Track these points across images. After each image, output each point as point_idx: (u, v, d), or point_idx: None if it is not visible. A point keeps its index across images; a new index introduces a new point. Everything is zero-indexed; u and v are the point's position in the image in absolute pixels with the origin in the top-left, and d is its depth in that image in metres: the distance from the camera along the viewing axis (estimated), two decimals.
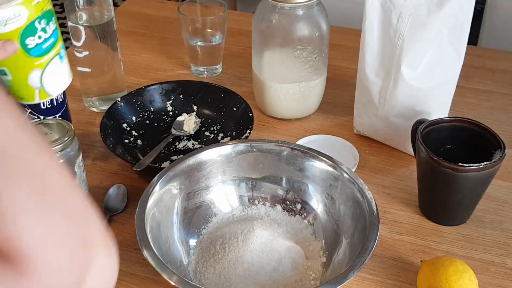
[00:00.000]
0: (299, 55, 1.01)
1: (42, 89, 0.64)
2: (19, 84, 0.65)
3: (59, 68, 0.64)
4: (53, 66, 0.64)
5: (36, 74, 0.63)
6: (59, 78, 0.65)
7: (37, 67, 0.63)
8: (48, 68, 0.64)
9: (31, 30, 0.61)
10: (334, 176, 0.83)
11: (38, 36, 0.62)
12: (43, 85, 0.64)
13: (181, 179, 0.83)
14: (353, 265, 0.70)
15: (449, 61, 0.92)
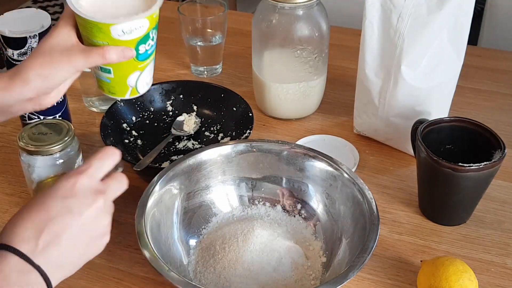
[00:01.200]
0: (299, 55, 1.01)
1: (135, 88, 0.70)
2: (118, 82, 0.69)
3: (151, 69, 0.71)
4: (149, 68, 0.69)
5: (135, 75, 0.68)
6: (148, 78, 0.71)
7: (138, 69, 0.68)
8: (145, 70, 0.69)
9: (145, 39, 0.66)
10: (334, 176, 0.83)
11: (148, 44, 0.67)
12: (137, 85, 0.69)
13: (181, 179, 0.83)
14: (353, 265, 0.70)
15: (449, 61, 0.92)
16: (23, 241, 0.56)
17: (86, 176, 0.61)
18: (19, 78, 0.66)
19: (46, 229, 0.57)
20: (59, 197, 0.59)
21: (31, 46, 0.91)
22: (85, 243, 0.60)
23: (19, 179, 0.95)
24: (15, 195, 0.94)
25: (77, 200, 0.59)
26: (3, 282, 0.54)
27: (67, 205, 0.58)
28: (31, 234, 0.56)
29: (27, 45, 0.90)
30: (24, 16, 0.92)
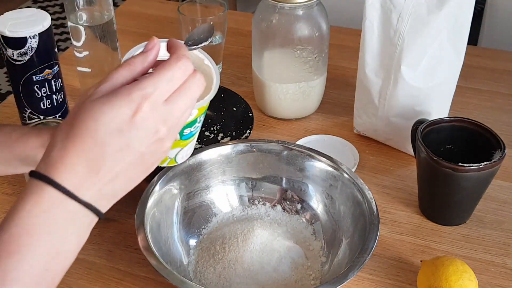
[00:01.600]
0: (299, 55, 1.01)
1: (173, 159, 0.71)
2: None
3: (193, 144, 0.72)
4: (190, 144, 0.71)
5: (176, 150, 0.69)
6: (189, 151, 0.72)
7: (180, 146, 0.69)
8: (187, 146, 0.70)
9: (192, 124, 0.67)
10: (334, 176, 0.83)
11: (194, 127, 0.68)
12: (176, 157, 0.71)
13: (181, 179, 0.83)
14: (353, 265, 0.70)
15: (449, 61, 0.92)
16: (72, 177, 0.51)
17: (149, 103, 0.53)
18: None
19: (103, 168, 0.52)
20: (115, 129, 0.52)
21: (31, 46, 0.91)
22: (142, 171, 0.55)
23: (19, 179, 0.95)
24: (15, 195, 0.93)
25: (137, 134, 0.52)
26: (50, 221, 0.51)
27: (125, 140, 0.52)
28: (83, 170, 0.51)
29: (27, 45, 0.90)
30: (24, 16, 0.92)
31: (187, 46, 0.63)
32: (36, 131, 0.69)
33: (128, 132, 0.52)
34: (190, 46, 0.64)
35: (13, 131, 0.70)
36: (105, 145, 0.52)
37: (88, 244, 0.85)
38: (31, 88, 0.94)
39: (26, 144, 0.69)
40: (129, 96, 0.52)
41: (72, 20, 1.03)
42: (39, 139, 0.68)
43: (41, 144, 0.68)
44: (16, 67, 0.92)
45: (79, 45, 1.05)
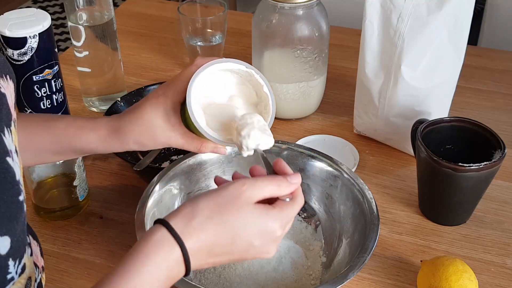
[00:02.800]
0: (299, 55, 1.01)
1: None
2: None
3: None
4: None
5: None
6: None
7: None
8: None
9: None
10: (334, 176, 0.83)
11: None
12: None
13: (181, 179, 0.83)
14: (353, 265, 0.70)
15: (449, 61, 0.92)
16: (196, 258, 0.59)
17: (279, 222, 0.62)
18: (118, 139, 0.71)
19: (219, 258, 0.60)
20: (251, 237, 0.60)
21: (31, 46, 0.91)
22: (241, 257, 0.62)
23: None
24: None
25: (260, 245, 0.61)
26: (150, 249, 0.57)
27: (251, 247, 0.61)
28: (203, 254, 0.59)
29: (27, 45, 0.90)
30: (24, 16, 0.92)
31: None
32: (91, 124, 0.72)
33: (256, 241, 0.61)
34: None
35: (70, 125, 0.73)
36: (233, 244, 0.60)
37: (88, 244, 0.85)
38: (31, 88, 0.94)
39: (83, 138, 0.72)
40: (277, 222, 0.62)
41: (72, 20, 1.03)
42: (95, 133, 0.71)
43: (97, 139, 0.72)
44: (16, 67, 0.92)
45: (79, 45, 1.05)
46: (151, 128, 0.69)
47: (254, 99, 0.70)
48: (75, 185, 0.87)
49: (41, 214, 0.89)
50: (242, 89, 0.70)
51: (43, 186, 0.88)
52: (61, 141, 0.73)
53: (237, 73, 0.69)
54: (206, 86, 0.68)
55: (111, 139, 0.71)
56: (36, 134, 0.73)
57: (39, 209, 0.89)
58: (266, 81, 0.69)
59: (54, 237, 0.87)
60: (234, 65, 0.68)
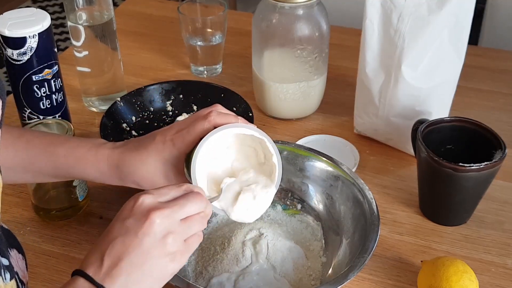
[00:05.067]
0: (299, 55, 1.01)
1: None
2: None
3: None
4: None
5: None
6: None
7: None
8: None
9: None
10: (334, 176, 0.83)
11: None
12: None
13: None
14: (353, 265, 0.70)
15: (449, 61, 0.92)
16: (90, 265, 0.58)
17: (146, 196, 0.59)
18: (118, 177, 0.71)
19: (107, 251, 0.57)
20: (119, 219, 0.59)
21: (30, 46, 0.90)
22: (148, 263, 0.58)
23: None
24: (14, 195, 0.93)
25: (133, 219, 0.58)
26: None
27: (125, 225, 0.58)
28: (96, 257, 0.58)
29: (27, 45, 0.90)
30: (23, 16, 0.92)
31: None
32: (92, 157, 0.72)
33: (128, 218, 0.58)
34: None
35: (70, 153, 0.73)
36: (111, 232, 0.59)
37: (87, 244, 0.85)
38: (30, 88, 0.94)
39: (83, 170, 0.73)
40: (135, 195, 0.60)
41: (72, 20, 1.03)
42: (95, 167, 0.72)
43: (97, 173, 0.72)
44: (16, 67, 0.92)
45: (79, 45, 1.04)
46: (152, 173, 0.70)
47: (261, 159, 0.71)
48: (74, 185, 0.87)
49: (40, 214, 0.89)
50: (250, 145, 0.71)
51: (43, 187, 0.88)
52: (61, 168, 0.74)
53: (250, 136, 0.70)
54: (214, 145, 0.68)
55: (110, 175, 0.72)
56: (37, 159, 0.74)
57: (39, 209, 0.89)
58: (277, 151, 0.69)
59: (54, 238, 0.86)
60: (247, 131, 0.68)
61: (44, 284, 0.80)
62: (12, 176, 0.75)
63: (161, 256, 0.58)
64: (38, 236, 0.87)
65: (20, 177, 0.77)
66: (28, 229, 0.88)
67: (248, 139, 0.70)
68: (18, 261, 0.64)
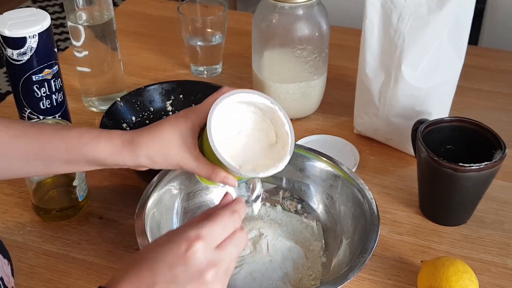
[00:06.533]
0: (299, 55, 1.01)
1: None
2: (207, 182, 0.73)
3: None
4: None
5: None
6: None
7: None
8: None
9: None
10: (335, 176, 0.83)
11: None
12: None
13: (181, 179, 0.83)
14: (353, 265, 0.70)
15: (449, 61, 0.92)
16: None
17: (202, 244, 0.56)
18: (131, 151, 0.69)
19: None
20: (167, 262, 0.56)
21: (30, 46, 0.90)
22: None
23: (18, 179, 0.95)
24: (14, 195, 0.93)
25: (186, 271, 0.56)
26: None
27: (174, 274, 0.55)
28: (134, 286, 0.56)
29: (27, 45, 0.90)
30: (23, 16, 0.92)
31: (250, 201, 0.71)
32: (106, 134, 0.71)
33: (178, 266, 0.56)
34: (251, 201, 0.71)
35: (83, 133, 0.71)
36: (157, 275, 0.56)
37: (87, 244, 0.85)
38: (30, 88, 0.94)
39: (96, 148, 0.70)
40: (185, 234, 0.57)
41: (72, 20, 1.03)
42: (108, 142, 0.70)
43: (110, 148, 0.70)
44: (16, 67, 0.92)
45: (79, 45, 1.04)
46: (166, 146, 0.68)
47: (272, 140, 0.70)
48: (74, 185, 0.87)
49: (40, 214, 0.89)
50: (262, 127, 0.70)
51: (43, 187, 0.88)
52: (74, 149, 0.71)
53: (260, 109, 0.69)
54: (227, 118, 0.68)
55: (124, 150, 0.69)
56: (49, 142, 0.71)
57: (39, 209, 0.89)
58: (289, 120, 0.69)
59: (54, 238, 0.86)
60: (259, 98, 0.68)
61: (44, 284, 0.80)
62: (23, 166, 0.73)
63: None
64: (38, 236, 0.87)
65: (31, 167, 0.74)
66: (28, 229, 0.88)
67: (259, 122, 0.69)
68: (3, 266, 0.63)
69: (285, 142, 0.68)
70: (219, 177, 0.68)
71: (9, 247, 0.85)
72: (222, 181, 0.69)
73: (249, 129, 0.69)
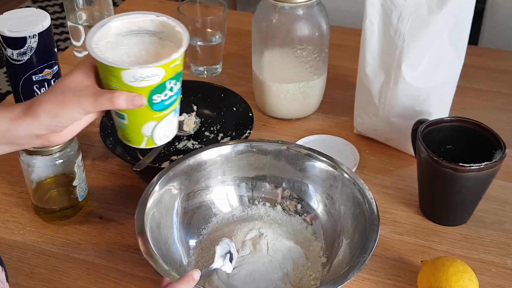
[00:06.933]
0: (299, 55, 1.01)
1: (151, 138, 0.68)
2: (132, 130, 0.68)
3: (171, 122, 0.69)
4: (167, 119, 0.68)
5: (151, 125, 0.67)
6: (167, 130, 0.69)
7: (154, 119, 0.67)
8: (162, 121, 0.67)
9: (160, 88, 0.65)
10: (334, 176, 0.83)
11: (165, 94, 0.66)
12: (153, 135, 0.68)
13: (181, 179, 0.83)
14: (353, 265, 0.70)
15: (449, 61, 0.92)
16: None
17: None
18: (30, 112, 0.64)
19: None
20: None
21: (30, 46, 0.90)
22: None
23: (18, 179, 0.95)
24: (14, 195, 0.93)
25: None
26: None
27: None
28: None
29: (27, 45, 0.90)
30: (23, 16, 0.92)
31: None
32: (5, 107, 0.67)
33: None
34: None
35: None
36: None
37: (87, 244, 0.85)
38: (30, 88, 0.94)
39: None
40: None
41: (72, 20, 1.03)
42: (9, 111, 0.66)
43: (11, 114, 0.65)
44: (16, 67, 0.92)
45: (79, 45, 1.04)
46: (64, 91, 0.64)
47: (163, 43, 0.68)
48: (74, 185, 0.87)
49: (40, 214, 0.89)
50: (153, 44, 0.68)
51: (43, 186, 0.88)
52: None
53: (148, 31, 0.67)
54: (114, 52, 0.65)
55: (24, 116, 0.65)
56: None
57: (39, 209, 0.89)
58: (177, 22, 0.67)
59: (54, 238, 0.86)
60: (144, 16, 0.67)
61: (44, 284, 0.80)
62: None
63: None
64: (38, 236, 0.87)
65: None
66: (28, 229, 0.88)
67: (149, 41, 0.68)
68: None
69: (181, 40, 0.66)
70: (121, 98, 0.63)
71: (9, 247, 0.85)
72: (127, 103, 0.63)
73: (143, 51, 0.67)
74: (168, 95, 0.66)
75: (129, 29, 0.67)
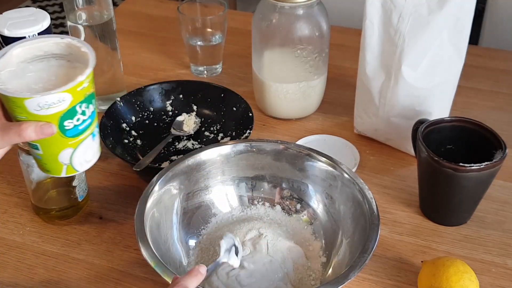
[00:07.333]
0: (299, 54, 1.01)
1: (70, 165, 0.65)
2: (48, 159, 0.65)
3: (90, 146, 0.66)
4: (84, 145, 0.65)
5: (67, 152, 0.64)
6: (88, 155, 0.66)
7: (70, 146, 0.64)
8: (79, 147, 0.64)
9: (71, 114, 0.62)
10: (334, 176, 0.83)
11: (77, 119, 0.63)
12: (72, 162, 0.65)
13: (181, 179, 0.83)
14: (353, 265, 0.70)
15: (449, 61, 0.92)
16: None
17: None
18: None
19: None
20: None
21: None
22: None
23: (18, 179, 0.95)
24: (13, 195, 0.93)
25: None
26: None
27: None
28: None
29: None
30: (23, 16, 0.92)
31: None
32: None
33: None
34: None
35: None
36: None
37: (87, 244, 0.85)
38: None
39: None
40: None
41: (72, 19, 1.02)
42: None
43: None
44: None
45: None
46: None
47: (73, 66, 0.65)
48: (74, 185, 0.87)
49: (40, 214, 0.89)
50: (61, 67, 0.65)
51: (42, 187, 0.88)
52: None
53: (62, 58, 0.64)
54: (20, 80, 0.62)
55: None
56: None
57: (38, 209, 0.89)
58: (84, 42, 0.64)
59: (53, 238, 0.86)
60: (47, 40, 0.63)
61: (44, 284, 0.80)
62: None
63: None
64: (38, 236, 0.87)
65: None
66: (28, 229, 0.88)
67: (56, 65, 0.65)
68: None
69: (86, 60, 0.63)
70: (29, 129, 0.60)
71: (9, 247, 0.85)
72: (37, 133, 0.60)
73: (52, 76, 0.64)
74: (81, 120, 0.62)
75: (33, 55, 0.64)
